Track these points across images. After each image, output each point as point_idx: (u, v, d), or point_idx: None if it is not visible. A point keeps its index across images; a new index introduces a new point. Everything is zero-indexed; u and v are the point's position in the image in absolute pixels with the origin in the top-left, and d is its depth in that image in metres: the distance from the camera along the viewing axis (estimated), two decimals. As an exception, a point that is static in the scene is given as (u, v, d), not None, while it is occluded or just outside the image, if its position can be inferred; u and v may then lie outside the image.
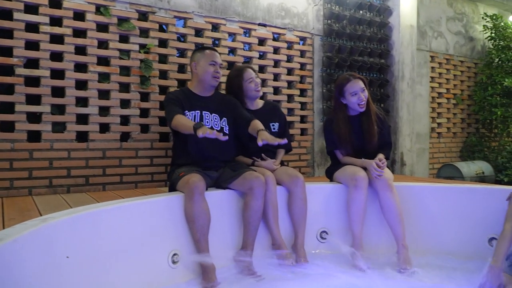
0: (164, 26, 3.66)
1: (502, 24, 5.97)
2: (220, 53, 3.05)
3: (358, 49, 4.72)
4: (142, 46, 3.50)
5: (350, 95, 2.97)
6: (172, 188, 2.60)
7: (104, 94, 3.37)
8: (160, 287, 2.21)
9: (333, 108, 3.18)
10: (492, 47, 6.11)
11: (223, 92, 3.20)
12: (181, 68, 3.69)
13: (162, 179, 3.50)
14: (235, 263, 2.55)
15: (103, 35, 3.34)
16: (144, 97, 3.53)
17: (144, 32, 3.54)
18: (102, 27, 3.37)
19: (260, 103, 3.24)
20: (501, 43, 5.97)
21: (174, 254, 2.33)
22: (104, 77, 3.36)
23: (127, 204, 2.20)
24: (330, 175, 3.22)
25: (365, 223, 2.89)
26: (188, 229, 2.38)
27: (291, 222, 2.88)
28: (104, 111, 3.37)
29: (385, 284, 2.27)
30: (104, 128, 3.37)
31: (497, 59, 6.01)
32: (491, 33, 6.01)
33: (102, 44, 3.38)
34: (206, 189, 2.53)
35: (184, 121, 2.56)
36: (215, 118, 2.84)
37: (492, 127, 6.25)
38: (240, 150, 3.11)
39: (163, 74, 3.61)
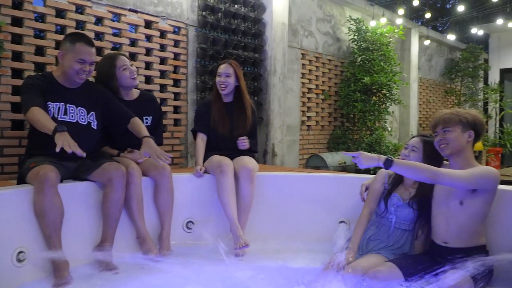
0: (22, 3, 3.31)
1: (364, 27, 6.55)
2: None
3: (232, 42, 4.80)
4: (-8, 24, 3.13)
5: (217, 76, 3.20)
6: (22, 180, 2.38)
7: None
8: (2, 288, 2.03)
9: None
10: (355, 47, 6.68)
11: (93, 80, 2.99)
12: (39, 50, 3.39)
13: (15, 171, 3.17)
14: (94, 258, 2.44)
15: None
16: (-6, 80, 3.17)
17: (-6, 8, 3.18)
18: None
19: (135, 93, 3.11)
20: (362, 45, 6.55)
21: (20, 252, 2.14)
22: None
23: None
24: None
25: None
26: (37, 224, 2.20)
27: (157, 213, 2.85)
28: None
29: (242, 269, 2.35)
30: None
31: (359, 59, 6.59)
32: (354, 35, 6.57)
33: None
34: (61, 181, 2.37)
35: (42, 117, 2.33)
36: (81, 112, 2.63)
37: (355, 121, 6.84)
38: (106, 141, 2.97)
39: (17, 56, 3.27)
